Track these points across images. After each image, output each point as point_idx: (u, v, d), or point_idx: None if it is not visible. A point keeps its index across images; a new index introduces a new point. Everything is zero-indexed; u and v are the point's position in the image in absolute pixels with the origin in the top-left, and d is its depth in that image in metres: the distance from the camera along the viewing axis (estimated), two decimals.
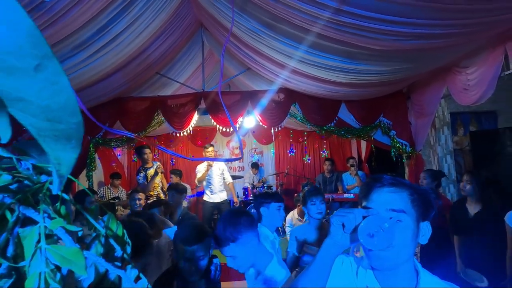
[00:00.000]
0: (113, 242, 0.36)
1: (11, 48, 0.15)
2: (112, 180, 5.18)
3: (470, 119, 5.56)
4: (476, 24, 1.91)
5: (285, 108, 4.11)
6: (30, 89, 0.16)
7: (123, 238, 0.41)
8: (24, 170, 0.31)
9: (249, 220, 1.21)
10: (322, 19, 2.06)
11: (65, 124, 0.18)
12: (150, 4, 2.76)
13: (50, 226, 0.25)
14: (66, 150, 0.21)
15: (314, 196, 2.03)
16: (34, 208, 0.26)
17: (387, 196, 0.76)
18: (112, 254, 0.36)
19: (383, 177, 0.80)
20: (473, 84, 2.80)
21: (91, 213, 0.39)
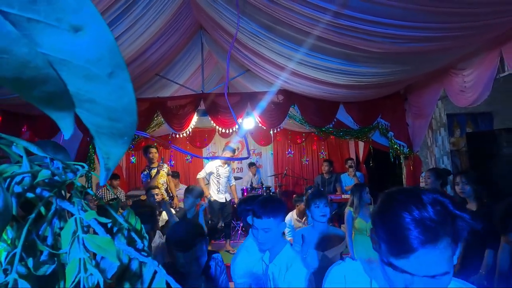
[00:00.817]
0: (134, 235, 0.38)
1: (93, 58, 0.17)
2: (111, 181, 5.19)
3: (466, 121, 5.62)
4: (472, 27, 1.95)
5: (284, 110, 4.15)
6: (101, 92, 0.19)
7: (141, 232, 0.43)
8: (55, 169, 0.33)
9: (283, 206, 1.44)
10: (322, 22, 2.09)
11: (122, 123, 0.21)
12: (150, 7, 2.79)
13: (85, 218, 0.28)
14: (117, 146, 0.23)
15: (318, 199, 2.03)
16: (69, 201, 0.28)
17: (430, 257, 0.60)
18: (134, 246, 0.38)
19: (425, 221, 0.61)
20: (469, 86, 2.84)
21: (112, 207, 0.41)
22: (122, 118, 0.21)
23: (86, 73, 0.18)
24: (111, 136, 0.22)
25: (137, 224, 0.43)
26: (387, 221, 0.66)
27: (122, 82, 0.20)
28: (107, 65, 0.19)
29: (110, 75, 0.19)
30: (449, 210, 0.63)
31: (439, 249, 0.60)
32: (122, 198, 5.21)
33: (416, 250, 0.60)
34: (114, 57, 0.19)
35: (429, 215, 0.61)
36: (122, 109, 0.20)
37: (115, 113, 0.20)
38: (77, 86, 0.19)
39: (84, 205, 0.29)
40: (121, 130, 0.22)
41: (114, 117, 0.20)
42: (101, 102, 0.19)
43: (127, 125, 0.21)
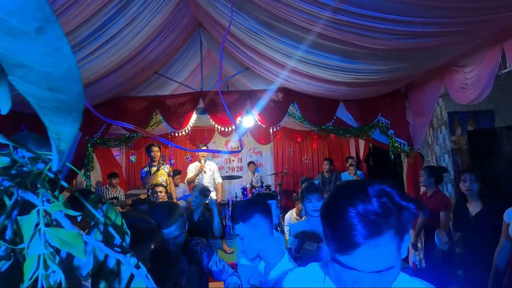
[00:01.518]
0: (112, 230, 0.36)
1: (14, 7, 0.15)
2: (110, 180, 5.18)
3: (467, 119, 5.59)
4: (472, 22, 1.92)
5: (283, 108, 4.12)
6: (31, 53, 0.16)
7: (122, 228, 0.41)
8: (20, 158, 0.31)
9: (263, 208, 1.27)
10: (321, 18, 2.06)
11: (66, 94, 0.18)
12: (147, 4, 2.76)
13: (50, 210, 0.25)
14: (66, 124, 0.21)
15: (310, 194, 2.03)
16: (33, 192, 0.26)
17: (374, 251, 0.59)
18: (111, 242, 0.36)
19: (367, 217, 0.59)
20: (470, 83, 2.81)
21: (90, 201, 0.38)
22: (64, 88, 0.18)
23: (8, 28, 0.15)
24: (58, 111, 0.19)
25: (118, 219, 0.41)
26: (331, 216, 0.65)
27: (55, 41, 0.17)
28: (33, 18, 0.16)
29: (38, 31, 0.16)
30: (396, 201, 0.61)
31: (383, 243, 0.59)
32: (121, 197, 5.20)
33: (358, 245, 0.59)
34: (40, 7, 0.16)
35: (372, 209, 0.60)
36: (61, 76, 0.17)
37: (55, 82, 0.17)
38: (1, 45, 0.16)
39: (51, 198, 0.27)
40: (67, 103, 0.19)
41: (55, 86, 0.18)
42: (34, 66, 0.17)
43: (72, 96, 0.19)
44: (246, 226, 1.23)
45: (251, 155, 7.34)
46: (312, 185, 2.13)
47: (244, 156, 7.42)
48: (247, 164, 6.76)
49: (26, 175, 0.27)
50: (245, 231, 1.23)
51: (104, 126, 4.08)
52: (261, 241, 1.22)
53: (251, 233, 1.22)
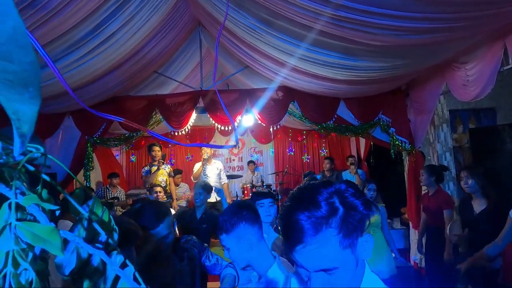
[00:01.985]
0: (98, 226, 0.34)
1: None
2: (111, 180, 5.16)
3: (469, 116, 5.55)
4: (474, 17, 1.89)
5: (283, 106, 4.09)
6: None
7: (109, 224, 0.39)
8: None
9: (248, 215, 1.17)
10: (320, 14, 2.04)
11: (17, 65, 0.16)
12: (146, 2, 2.74)
13: (23, 203, 0.23)
14: (24, 102, 0.19)
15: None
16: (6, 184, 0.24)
17: (312, 252, 0.60)
18: (96, 239, 0.34)
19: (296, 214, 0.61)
20: (472, 79, 2.78)
21: (75, 196, 0.37)
22: (13, 56, 0.16)
23: None
24: (10, 86, 0.17)
25: (105, 215, 0.39)
26: (280, 217, 0.67)
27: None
28: None
29: None
30: (345, 201, 0.62)
31: (320, 242, 0.60)
32: (122, 197, 5.18)
33: (296, 243, 0.61)
34: None
35: (313, 208, 0.61)
36: (8, 39, 0.15)
37: (0, 46, 0.15)
38: None
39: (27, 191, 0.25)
40: (20, 76, 0.17)
41: (1, 53, 0.16)
42: None
43: (25, 67, 0.17)
44: (230, 237, 1.14)
45: (251, 154, 7.32)
46: (314, 178, 2.14)
47: (245, 155, 7.40)
48: (247, 163, 6.75)
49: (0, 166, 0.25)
50: (230, 242, 1.14)
51: (104, 125, 4.07)
52: (249, 251, 1.14)
53: (237, 244, 1.14)
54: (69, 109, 3.99)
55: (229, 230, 1.14)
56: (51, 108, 3.74)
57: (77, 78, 3.00)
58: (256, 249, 1.15)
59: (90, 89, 3.40)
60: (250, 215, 1.17)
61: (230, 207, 1.23)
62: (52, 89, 3.11)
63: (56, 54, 2.59)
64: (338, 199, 0.62)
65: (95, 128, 4.06)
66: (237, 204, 1.24)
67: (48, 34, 2.32)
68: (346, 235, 0.61)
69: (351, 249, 0.62)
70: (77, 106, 3.92)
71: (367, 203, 0.63)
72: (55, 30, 2.34)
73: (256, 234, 1.17)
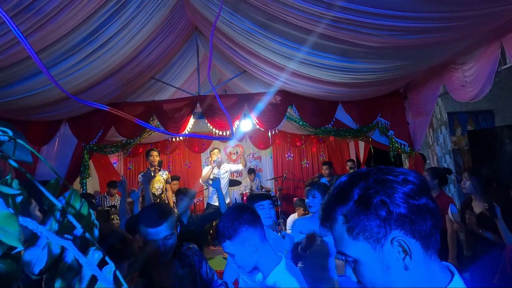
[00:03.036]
0: (73, 219, 0.30)
1: None
2: (109, 189, 5.10)
3: (467, 119, 5.56)
4: (472, 16, 1.88)
5: (281, 110, 4.08)
6: None
7: (88, 219, 0.35)
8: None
9: (249, 217, 1.15)
10: (317, 16, 2.04)
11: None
12: (142, 8, 2.74)
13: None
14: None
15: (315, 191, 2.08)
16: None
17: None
18: (71, 232, 0.30)
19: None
20: (470, 80, 2.78)
21: (50, 187, 0.33)
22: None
23: None
24: None
25: (84, 208, 0.35)
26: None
27: None
28: None
29: None
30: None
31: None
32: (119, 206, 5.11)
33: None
34: None
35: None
36: None
37: None
38: None
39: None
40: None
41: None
42: None
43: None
44: (234, 243, 1.12)
45: (250, 160, 7.27)
46: (315, 182, 2.18)
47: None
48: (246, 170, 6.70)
49: None
50: (234, 248, 1.12)
51: (101, 132, 4.03)
52: (254, 254, 1.12)
53: (241, 249, 1.11)
54: (65, 116, 3.96)
55: (232, 236, 1.11)
56: (47, 115, 3.70)
57: (74, 84, 2.98)
58: (261, 250, 1.13)
59: (87, 95, 3.37)
60: (250, 217, 1.15)
61: (228, 212, 1.19)
62: (48, 95, 3.09)
63: (53, 59, 2.57)
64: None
65: (92, 135, 4.02)
66: (235, 208, 1.20)
67: (43, 39, 2.30)
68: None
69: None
70: (74, 113, 3.89)
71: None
72: (51, 35, 2.32)
73: (259, 235, 1.15)
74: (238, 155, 7.34)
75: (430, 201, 0.55)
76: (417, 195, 0.54)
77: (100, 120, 4.01)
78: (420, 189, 0.55)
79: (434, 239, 0.55)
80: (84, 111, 3.89)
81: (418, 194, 0.55)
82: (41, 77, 2.73)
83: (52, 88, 2.95)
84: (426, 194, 0.56)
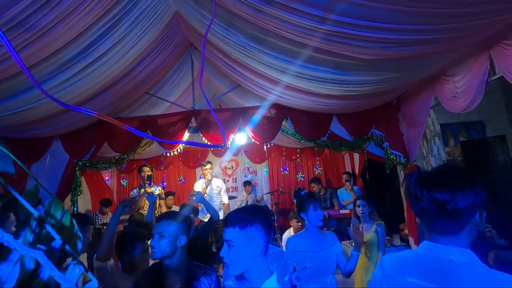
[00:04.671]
0: (51, 229, 0.27)
1: None
2: (101, 207, 4.96)
3: (459, 130, 5.64)
4: (459, 28, 1.93)
5: (277, 124, 4.08)
6: None
7: (72, 230, 0.31)
8: None
9: (265, 220, 1.10)
10: (309, 29, 2.07)
11: None
12: (137, 24, 2.76)
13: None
14: None
15: (316, 202, 2.03)
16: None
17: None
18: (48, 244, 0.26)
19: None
20: (461, 91, 2.83)
21: (27, 196, 0.30)
22: None
23: None
24: None
25: (65, 218, 0.32)
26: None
27: None
28: None
29: None
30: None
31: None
32: None
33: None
34: None
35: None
36: None
37: None
38: None
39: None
40: None
41: None
42: None
43: None
44: (241, 233, 1.04)
45: (245, 175, 7.21)
46: (312, 193, 2.13)
47: (239, 176, 7.29)
48: (242, 184, 6.63)
49: None
50: (238, 238, 1.04)
51: (93, 148, 3.97)
52: (251, 257, 1.05)
53: (244, 243, 1.04)
54: (57, 133, 3.89)
55: (243, 226, 1.05)
56: (39, 131, 3.64)
57: (67, 98, 2.94)
58: (258, 258, 1.07)
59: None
60: (266, 221, 1.11)
61: (248, 206, 1.16)
62: (40, 111, 3.04)
63: (46, 74, 2.55)
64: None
65: (84, 151, 3.95)
66: (255, 206, 1.17)
67: (37, 53, 2.29)
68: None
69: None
70: (66, 129, 3.84)
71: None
72: (44, 50, 2.31)
73: (264, 242, 1.09)
74: (234, 169, 7.28)
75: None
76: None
77: (93, 136, 3.96)
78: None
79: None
80: (77, 127, 3.84)
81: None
82: (32, 92, 2.69)
83: (44, 103, 2.91)
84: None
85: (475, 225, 0.82)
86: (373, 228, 2.85)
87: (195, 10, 2.84)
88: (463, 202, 0.80)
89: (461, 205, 0.80)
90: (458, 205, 0.80)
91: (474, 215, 0.82)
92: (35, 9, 1.89)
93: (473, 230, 0.83)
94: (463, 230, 0.83)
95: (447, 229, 0.83)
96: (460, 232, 0.82)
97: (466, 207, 0.80)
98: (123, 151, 4.09)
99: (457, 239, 0.82)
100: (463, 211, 0.81)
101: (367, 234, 2.83)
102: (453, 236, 0.83)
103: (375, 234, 2.83)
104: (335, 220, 4.98)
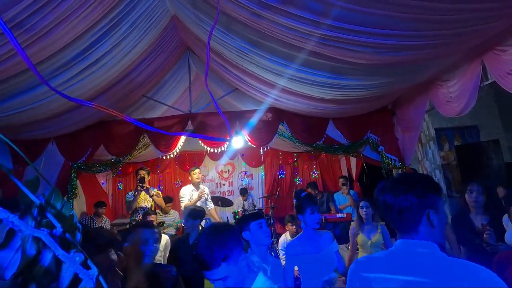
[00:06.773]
0: (52, 217, 0.28)
1: None
2: (96, 209, 4.92)
3: (453, 134, 5.70)
4: (451, 35, 1.98)
5: (273, 127, 4.10)
6: None
7: (71, 221, 0.32)
8: None
9: (234, 232, 1.11)
10: (306, 33, 2.10)
11: None
12: (135, 27, 2.78)
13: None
14: None
15: (314, 205, 2.02)
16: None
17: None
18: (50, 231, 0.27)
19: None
20: (455, 96, 2.87)
21: (29, 184, 0.31)
22: None
23: None
24: None
25: (65, 208, 0.32)
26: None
27: None
28: None
29: None
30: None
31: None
32: (107, 227, 4.92)
33: None
34: None
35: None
36: None
37: None
38: None
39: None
40: None
41: None
42: None
43: None
44: (230, 264, 1.04)
45: (242, 178, 7.20)
46: (310, 195, 2.13)
47: (235, 179, 7.27)
48: (238, 189, 6.61)
49: None
50: (230, 270, 1.04)
51: (90, 150, 3.95)
52: (245, 272, 1.09)
53: (236, 268, 1.05)
54: (53, 135, 3.87)
55: (228, 256, 1.04)
56: (35, 133, 3.62)
57: (64, 100, 2.94)
58: (242, 264, 1.09)
59: (77, 112, 3.33)
60: (234, 233, 1.12)
61: (209, 233, 1.10)
62: (35, 113, 3.03)
63: (45, 75, 2.55)
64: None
65: (80, 154, 3.93)
66: (216, 228, 1.13)
67: (36, 55, 2.29)
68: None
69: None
70: (62, 131, 3.82)
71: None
72: (43, 51, 2.31)
73: (243, 250, 1.11)
74: (230, 173, 7.27)
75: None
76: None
77: (89, 138, 3.94)
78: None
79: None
80: (74, 128, 3.83)
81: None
82: (30, 94, 2.69)
83: (41, 105, 2.90)
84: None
85: (429, 222, 0.91)
86: (378, 230, 2.87)
87: (192, 14, 2.87)
88: (405, 204, 0.92)
89: (403, 206, 0.92)
90: (402, 207, 0.91)
91: (422, 215, 0.92)
92: (34, 10, 1.91)
93: (429, 227, 0.91)
94: (419, 228, 0.92)
95: (404, 227, 0.94)
96: (417, 229, 0.92)
97: (408, 209, 0.91)
98: (120, 153, 4.08)
99: (418, 235, 0.92)
100: (407, 212, 0.92)
101: (373, 235, 2.85)
102: (412, 233, 0.93)
103: (381, 235, 2.85)
104: (331, 224, 4.98)
